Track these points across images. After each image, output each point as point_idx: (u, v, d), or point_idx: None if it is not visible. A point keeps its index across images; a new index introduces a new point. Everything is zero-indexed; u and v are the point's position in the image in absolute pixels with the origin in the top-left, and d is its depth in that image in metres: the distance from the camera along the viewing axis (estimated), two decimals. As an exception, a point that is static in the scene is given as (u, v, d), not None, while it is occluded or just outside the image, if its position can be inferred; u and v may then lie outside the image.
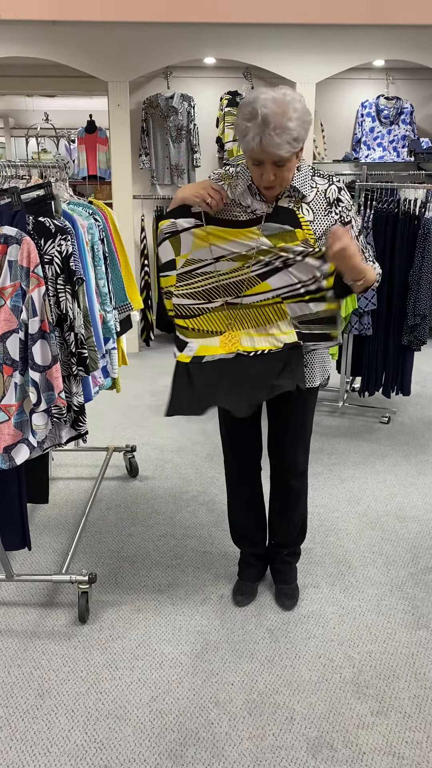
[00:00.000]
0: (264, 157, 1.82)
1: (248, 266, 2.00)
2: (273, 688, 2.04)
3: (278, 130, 1.75)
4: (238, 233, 1.98)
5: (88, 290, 2.38)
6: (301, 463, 2.30)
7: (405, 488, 3.26)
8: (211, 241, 2.00)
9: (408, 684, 2.05)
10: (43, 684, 2.05)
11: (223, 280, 2.04)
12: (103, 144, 7.18)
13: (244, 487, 2.38)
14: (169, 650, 2.19)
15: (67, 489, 3.25)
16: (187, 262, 2.05)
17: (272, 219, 1.96)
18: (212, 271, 2.04)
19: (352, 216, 2.05)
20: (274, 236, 1.97)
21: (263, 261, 1.99)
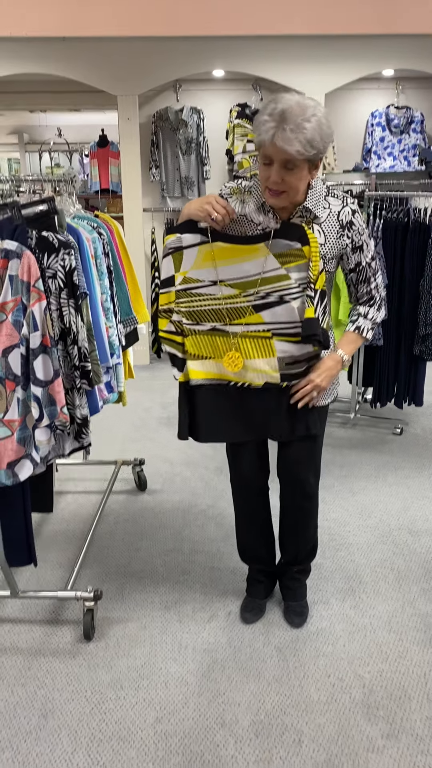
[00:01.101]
0: (274, 153, 1.77)
1: (246, 295, 1.97)
2: (281, 708, 2.00)
3: (293, 126, 1.72)
4: (245, 250, 1.94)
5: (93, 304, 2.37)
6: (312, 484, 2.24)
7: (418, 501, 3.20)
8: (217, 258, 1.96)
9: (420, 705, 1.99)
10: (47, 704, 2.02)
11: (216, 305, 2.01)
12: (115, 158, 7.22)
13: (251, 508, 2.34)
14: (175, 669, 2.15)
15: (74, 503, 3.23)
16: (184, 280, 2.01)
17: (281, 234, 1.91)
18: (208, 293, 2.00)
19: (364, 240, 2.01)
20: (282, 255, 1.92)
21: (261, 293, 1.96)
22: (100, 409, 2.42)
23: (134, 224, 5.36)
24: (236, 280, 1.97)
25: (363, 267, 2.05)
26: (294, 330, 1.97)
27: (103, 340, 2.43)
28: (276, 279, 1.94)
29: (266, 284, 1.95)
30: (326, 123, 1.78)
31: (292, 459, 2.20)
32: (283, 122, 1.72)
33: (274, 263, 1.93)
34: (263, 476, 2.29)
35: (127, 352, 2.85)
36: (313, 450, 2.19)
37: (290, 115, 1.72)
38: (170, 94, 5.62)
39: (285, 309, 1.96)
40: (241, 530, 2.39)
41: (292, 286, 1.94)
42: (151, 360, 5.72)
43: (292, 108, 1.73)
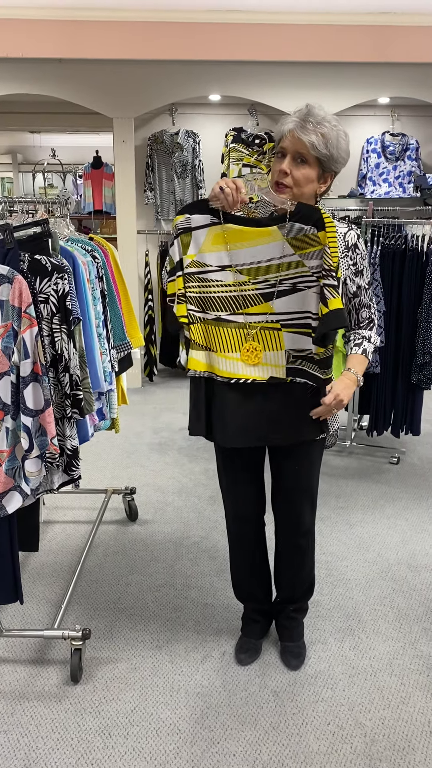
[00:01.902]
0: (290, 144, 1.80)
1: (256, 282, 1.85)
2: (278, 759, 1.89)
3: (315, 121, 1.79)
4: (257, 233, 1.81)
5: (88, 329, 2.29)
6: (308, 521, 2.15)
7: (417, 534, 3.11)
8: (230, 241, 1.83)
9: (425, 757, 1.89)
10: (30, 753, 1.90)
11: (224, 292, 1.88)
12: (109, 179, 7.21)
13: (246, 545, 2.24)
14: (166, 715, 2.04)
15: (63, 533, 3.12)
16: (192, 263, 1.88)
17: (295, 217, 1.78)
18: (216, 279, 1.88)
19: (365, 266, 1.99)
20: (296, 240, 1.80)
21: (272, 280, 1.84)
22: (90, 437, 2.33)
23: (128, 246, 5.32)
24: (247, 266, 1.85)
25: (362, 291, 2.01)
26: (305, 321, 1.86)
27: (97, 366, 2.35)
28: (289, 266, 1.83)
29: (278, 271, 1.84)
30: (345, 138, 1.85)
31: (287, 494, 2.11)
32: (306, 117, 1.80)
33: (288, 249, 1.81)
34: (259, 509, 2.20)
35: (120, 377, 2.77)
36: (310, 484, 2.11)
37: (313, 114, 1.80)
38: (166, 117, 5.62)
39: (297, 298, 1.85)
40: (235, 567, 2.30)
41: (306, 274, 1.83)
42: (143, 383, 5.64)
43: (317, 111, 1.81)
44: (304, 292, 1.85)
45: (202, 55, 4.72)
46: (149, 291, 5.57)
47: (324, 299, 1.81)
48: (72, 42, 4.61)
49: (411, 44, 4.76)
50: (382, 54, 4.80)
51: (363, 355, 2.01)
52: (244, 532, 2.22)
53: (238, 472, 2.13)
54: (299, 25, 4.67)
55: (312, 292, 1.84)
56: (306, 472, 2.08)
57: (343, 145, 1.83)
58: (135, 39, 4.63)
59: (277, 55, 4.76)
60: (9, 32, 4.57)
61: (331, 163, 1.84)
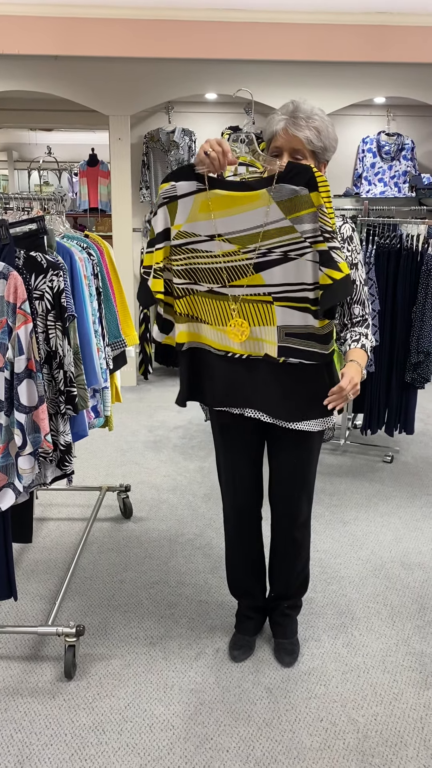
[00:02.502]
0: (285, 142, 1.84)
1: (246, 251, 1.77)
2: (271, 755, 1.89)
3: (304, 117, 1.84)
4: (245, 198, 1.71)
5: (85, 325, 2.29)
6: (305, 513, 2.16)
7: (410, 532, 3.13)
8: (214, 209, 1.73)
9: (417, 752, 1.90)
10: (24, 749, 1.91)
11: (213, 264, 1.81)
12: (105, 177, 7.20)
13: (243, 538, 2.25)
14: (160, 711, 2.05)
15: (57, 530, 3.12)
16: (179, 234, 1.79)
17: (285, 178, 1.68)
18: (205, 250, 1.79)
19: (360, 259, 2.00)
20: (286, 203, 1.69)
21: (263, 249, 1.75)
22: (87, 434, 2.34)
23: (123, 244, 5.31)
24: (235, 234, 1.76)
25: (358, 287, 1.99)
26: (299, 293, 1.76)
27: (94, 361, 2.35)
28: (280, 232, 1.72)
29: (268, 239, 1.74)
30: (333, 127, 1.91)
31: (284, 486, 2.12)
32: (295, 113, 1.84)
33: (278, 213, 1.70)
34: (256, 500, 2.21)
35: (115, 375, 2.77)
36: (307, 476, 2.12)
37: (301, 110, 1.85)
38: (162, 115, 5.62)
39: (289, 268, 1.75)
40: (231, 561, 2.30)
41: (297, 240, 1.72)
42: (138, 382, 5.63)
43: (303, 105, 1.86)
44: (296, 260, 1.74)
45: (199, 53, 4.72)
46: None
47: (333, 264, 1.70)
48: (68, 39, 4.61)
49: (407, 44, 4.77)
50: (378, 54, 4.81)
51: (363, 350, 1.95)
52: (241, 524, 2.22)
53: (237, 455, 2.12)
54: (296, 25, 4.67)
55: (305, 259, 1.74)
56: (304, 464, 2.09)
57: (333, 134, 1.91)
58: (131, 36, 4.63)
59: (274, 54, 4.76)
60: (5, 29, 4.55)
61: (324, 154, 1.90)
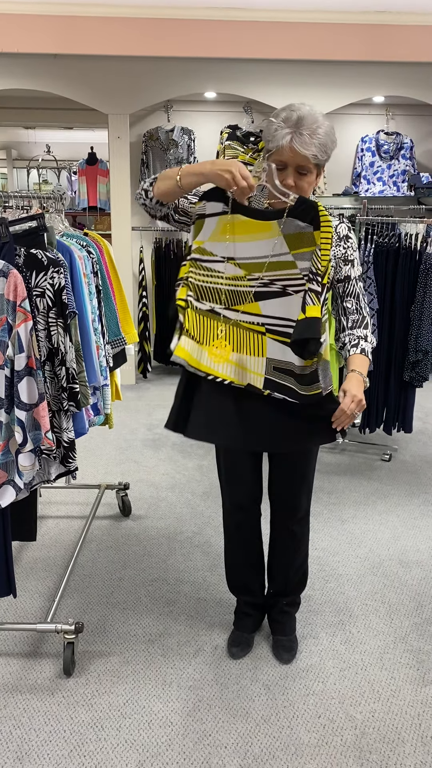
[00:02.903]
0: (291, 158, 1.82)
1: (250, 279, 1.85)
2: (269, 752, 1.90)
3: (309, 132, 1.80)
4: (259, 227, 1.81)
5: (84, 323, 2.30)
6: (303, 507, 2.18)
7: (408, 530, 3.14)
8: (233, 233, 1.83)
9: (414, 749, 1.91)
10: (23, 745, 1.91)
11: (218, 284, 1.87)
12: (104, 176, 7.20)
13: (242, 533, 2.26)
14: (158, 707, 2.06)
15: (56, 528, 3.13)
16: (198, 250, 1.88)
17: (294, 213, 1.79)
18: (215, 270, 1.87)
19: (355, 257, 2.00)
20: (292, 238, 1.80)
21: (265, 279, 1.83)
22: (87, 431, 2.34)
23: (123, 243, 5.32)
24: (246, 260, 1.85)
25: (352, 282, 1.98)
26: (288, 329, 1.83)
27: (93, 359, 2.36)
28: (282, 265, 1.82)
29: (272, 270, 1.83)
30: (333, 132, 1.88)
31: (284, 480, 2.14)
32: (300, 128, 1.79)
33: (283, 246, 1.81)
34: (256, 495, 2.22)
35: (115, 373, 2.78)
36: (307, 471, 2.13)
37: (305, 121, 1.80)
38: (161, 114, 5.62)
39: (284, 302, 1.83)
40: (231, 557, 2.31)
41: (296, 276, 1.82)
42: (137, 380, 5.64)
43: (306, 116, 1.80)
44: (292, 296, 1.83)
45: (198, 52, 4.72)
46: (143, 288, 5.57)
47: (303, 305, 1.79)
48: (67, 37, 4.61)
49: (406, 43, 4.78)
50: (377, 53, 4.82)
51: (362, 354, 1.95)
52: (240, 519, 2.23)
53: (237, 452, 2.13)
54: (295, 23, 4.68)
55: (298, 297, 1.82)
56: (303, 458, 2.10)
57: (334, 139, 1.87)
58: (131, 35, 4.63)
59: (273, 53, 4.77)
60: (4, 27, 4.55)
61: (326, 161, 1.89)
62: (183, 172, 1.82)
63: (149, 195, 1.92)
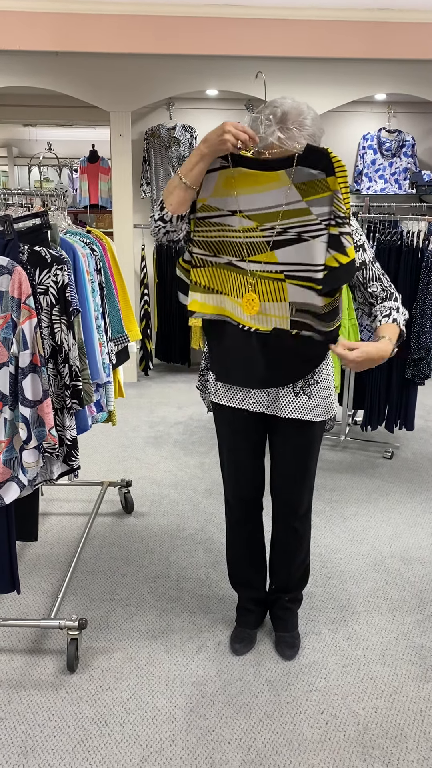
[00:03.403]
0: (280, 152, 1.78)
1: (263, 229, 1.83)
2: (272, 747, 1.91)
3: (296, 125, 1.77)
4: (266, 178, 1.76)
5: (87, 320, 2.31)
6: (305, 504, 2.19)
7: (410, 528, 3.14)
8: (237, 186, 1.79)
9: (417, 744, 1.92)
10: (27, 741, 1.92)
11: (233, 238, 1.86)
12: (105, 173, 7.19)
13: (244, 527, 2.27)
14: (162, 703, 2.06)
15: (59, 525, 3.14)
16: (203, 207, 1.87)
17: (304, 161, 1.73)
18: (226, 224, 1.85)
19: (364, 240, 2.00)
20: (303, 186, 1.75)
21: (279, 228, 1.81)
22: (89, 428, 2.35)
23: (124, 240, 5.32)
24: (255, 212, 1.81)
25: (368, 266, 2.00)
26: (308, 274, 1.82)
27: (96, 356, 2.37)
28: (296, 213, 1.78)
29: (285, 218, 1.80)
30: (319, 119, 1.85)
31: (286, 476, 2.14)
32: (285, 122, 1.78)
33: (295, 195, 1.77)
34: (258, 491, 2.23)
35: (117, 370, 2.78)
36: (309, 467, 2.14)
37: (291, 115, 1.78)
38: (163, 111, 5.61)
39: (301, 248, 1.81)
40: (232, 552, 2.32)
41: (312, 222, 1.78)
42: (139, 377, 5.65)
43: (291, 109, 1.79)
44: (309, 242, 1.80)
45: (200, 49, 4.72)
46: (145, 285, 5.57)
47: (342, 248, 1.77)
48: (69, 35, 4.60)
49: (408, 41, 4.78)
50: (379, 50, 4.82)
51: (395, 324, 1.94)
52: (242, 513, 2.24)
53: (239, 444, 2.14)
54: (297, 21, 4.67)
55: (319, 241, 1.79)
56: (305, 453, 2.11)
57: (321, 128, 1.83)
58: (132, 32, 4.63)
59: (275, 51, 4.76)
60: (5, 24, 4.55)
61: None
62: (183, 171, 1.81)
63: (167, 218, 1.87)
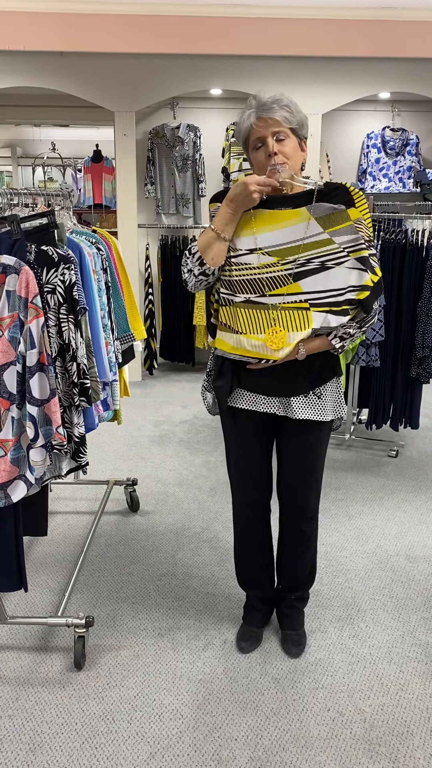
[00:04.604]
0: (262, 129, 1.86)
1: (284, 263, 1.87)
2: (279, 744, 1.92)
3: (270, 101, 1.86)
4: (286, 215, 1.84)
5: (94, 319, 2.32)
6: (313, 506, 2.19)
7: (415, 526, 3.15)
8: (257, 225, 1.87)
9: (423, 742, 1.93)
10: (35, 737, 1.93)
11: (252, 275, 1.91)
12: (109, 173, 7.21)
13: (252, 529, 2.27)
14: (169, 700, 2.07)
15: (65, 524, 3.15)
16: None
17: (324, 197, 1.82)
18: (245, 263, 1.91)
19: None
20: (325, 219, 1.83)
21: (301, 260, 1.86)
22: (96, 426, 2.36)
23: (129, 240, 5.33)
24: (275, 248, 1.88)
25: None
26: (333, 299, 1.88)
27: (103, 355, 2.38)
28: (318, 244, 1.85)
29: (307, 250, 1.86)
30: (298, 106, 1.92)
31: (293, 479, 2.15)
32: (261, 103, 1.87)
33: (317, 228, 1.84)
34: (266, 493, 2.23)
35: (123, 369, 2.80)
36: (316, 469, 2.15)
37: (265, 97, 1.87)
38: (167, 111, 5.62)
39: (326, 276, 1.87)
40: (240, 553, 2.33)
41: (336, 251, 1.86)
42: (144, 377, 5.66)
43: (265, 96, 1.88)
44: (333, 269, 1.86)
45: (204, 49, 4.72)
46: (150, 285, 5.58)
47: (373, 268, 1.87)
48: (73, 35, 4.62)
49: (412, 39, 4.77)
50: (383, 49, 4.81)
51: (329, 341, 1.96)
52: (250, 517, 2.24)
53: (247, 446, 2.14)
54: (300, 20, 4.68)
55: (344, 267, 1.86)
56: (312, 454, 2.11)
57: (301, 109, 1.91)
58: (136, 32, 4.63)
59: (279, 50, 4.77)
60: (10, 24, 4.57)
61: (302, 130, 1.93)
62: (219, 227, 1.88)
63: (209, 272, 1.94)
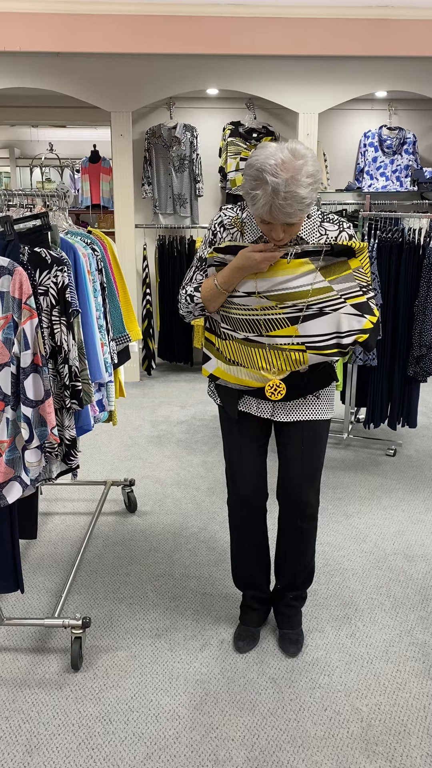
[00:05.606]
0: (273, 220, 1.81)
1: (283, 307, 1.93)
2: (276, 744, 1.92)
3: (289, 199, 1.71)
4: (291, 265, 1.90)
5: (89, 320, 2.31)
6: (312, 505, 2.19)
7: (413, 525, 3.14)
8: (259, 275, 1.93)
9: (420, 741, 1.93)
10: (32, 738, 1.93)
11: (250, 316, 1.97)
12: (107, 174, 7.21)
13: (248, 530, 2.27)
14: (166, 701, 2.07)
15: (62, 525, 3.15)
16: None
17: (330, 253, 1.89)
18: (242, 304, 1.97)
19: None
20: (328, 268, 1.91)
21: (299, 305, 1.92)
22: (92, 427, 2.36)
23: (126, 240, 5.33)
24: (274, 293, 1.93)
25: None
26: (331, 341, 1.96)
27: (98, 356, 2.38)
28: (318, 291, 1.92)
29: (308, 297, 1.92)
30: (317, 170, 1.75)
31: (293, 478, 2.15)
32: (276, 197, 1.71)
33: (319, 277, 1.91)
34: (262, 494, 2.23)
35: (119, 370, 2.79)
36: (315, 468, 2.15)
37: (282, 187, 1.69)
38: (164, 111, 5.62)
39: (323, 321, 1.94)
40: (237, 553, 2.33)
41: (333, 298, 1.93)
42: (142, 377, 5.65)
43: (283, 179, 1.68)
44: (330, 315, 1.94)
45: (200, 48, 4.72)
46: (147, 285, 5.58)
47: (371, 311, 1.95)
48: (69, 35, 4.61)
49: (409, 38, 4.77)
50: (380, 48, 4.81)
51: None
52: (246, 516, 2.24)
53: (245, 445, 2.15)
54: (297, 19, 4.67)
55: (341, 313, 1.93)
56: (312, 452, 2.12)
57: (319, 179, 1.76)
58: (132, 33, 4.63)
59: (275, 49, 4.76)
60: (6, 25, 4.56)
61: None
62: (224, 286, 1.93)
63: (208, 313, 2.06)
